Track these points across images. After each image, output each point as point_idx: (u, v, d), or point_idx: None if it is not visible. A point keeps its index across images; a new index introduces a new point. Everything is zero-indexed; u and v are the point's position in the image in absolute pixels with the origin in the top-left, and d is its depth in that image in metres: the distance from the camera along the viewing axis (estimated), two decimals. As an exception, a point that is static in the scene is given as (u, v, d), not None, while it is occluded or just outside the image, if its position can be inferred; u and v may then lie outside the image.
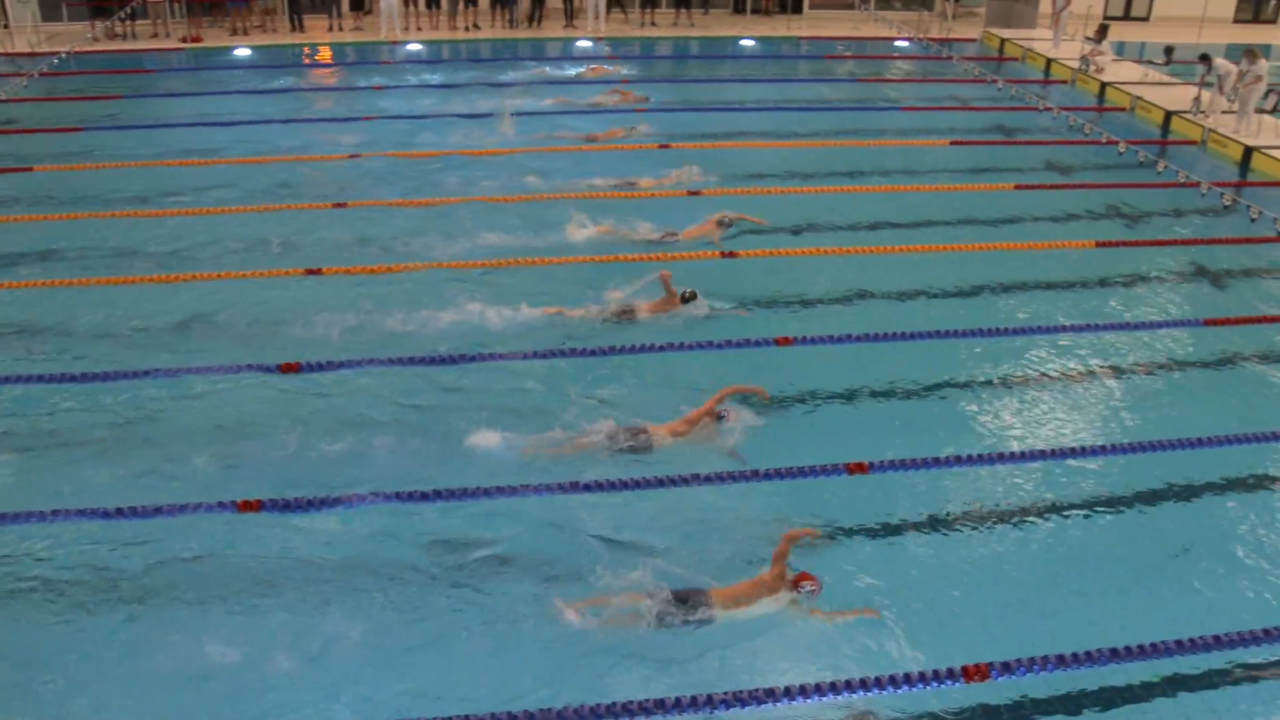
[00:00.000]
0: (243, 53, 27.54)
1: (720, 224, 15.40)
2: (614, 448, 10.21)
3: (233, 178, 17.67)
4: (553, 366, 11.78)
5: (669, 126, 20.92)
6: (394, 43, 28.25)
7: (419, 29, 29.74)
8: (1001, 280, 14.46)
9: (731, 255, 14.58)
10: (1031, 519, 9.63)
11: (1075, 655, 7.78)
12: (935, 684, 7.52)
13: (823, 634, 8.13)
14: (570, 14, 30.76)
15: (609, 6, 30.79)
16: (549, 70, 26.13)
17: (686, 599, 8.15)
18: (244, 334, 12.43)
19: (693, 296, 12.85)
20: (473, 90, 23.75)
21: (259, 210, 16.08)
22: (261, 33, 29.24)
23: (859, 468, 9.91)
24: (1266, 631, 8.17)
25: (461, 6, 30.12)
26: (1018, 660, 7.73)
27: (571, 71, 26.09)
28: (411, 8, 30.06)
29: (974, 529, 9.47)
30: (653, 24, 31.35)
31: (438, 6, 29.97)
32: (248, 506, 9.19)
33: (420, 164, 18.41)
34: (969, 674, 7.59)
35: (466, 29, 29.82)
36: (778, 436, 10.66)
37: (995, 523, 9.55)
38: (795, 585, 8.17)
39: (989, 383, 12.00)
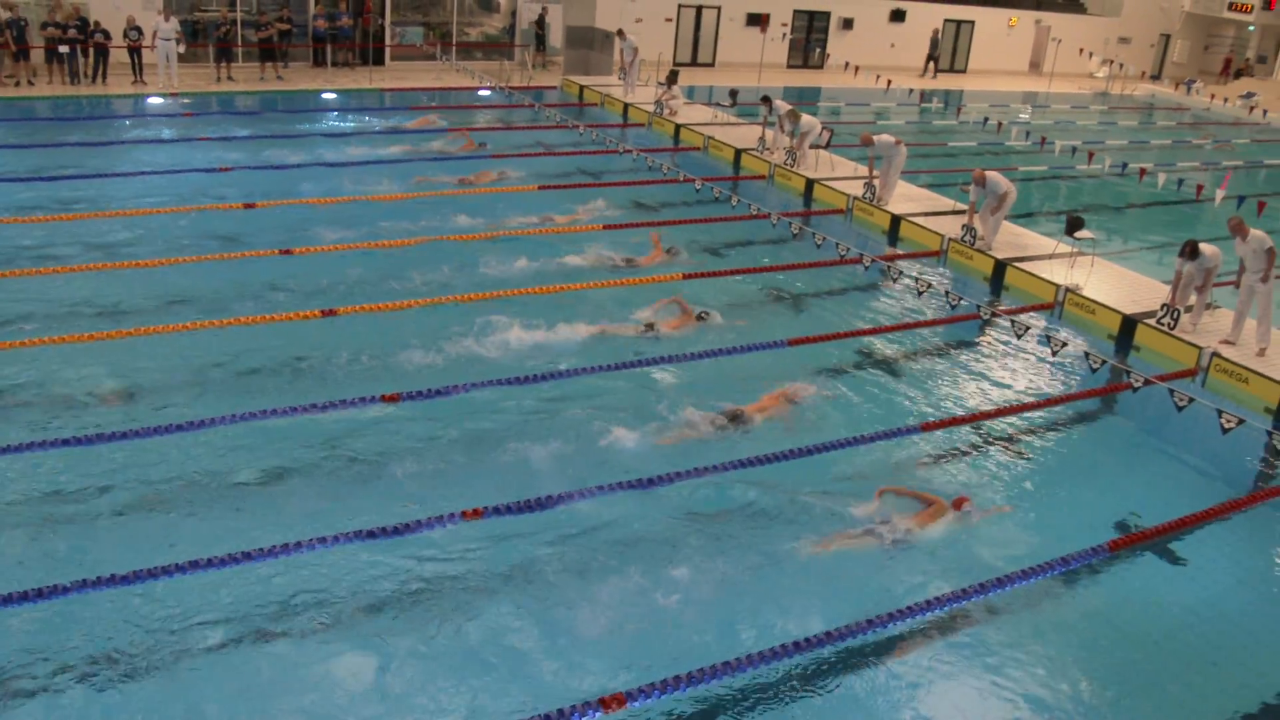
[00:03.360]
0: None
1: (668, 251, 17.37)
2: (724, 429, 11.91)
3: None
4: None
5: (252, 185, 20.02)
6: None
7: (-38, 86, 27.00)
8: (596, 318, 14.71)
9: (331, 313, 14.07)
10: (638, 546, 9.83)
11: (702, 671, 7.98)
12: (577, 718, 7.48)
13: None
14: (139, 69, 28.88)
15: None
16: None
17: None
18: None
19: (706, 315, 15.00)
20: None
21: None
22: None
23: (475, 513, 9.78)
24: (869, 621, 8.79)
25: (9, 61, 27.55)
26: (651, 684, 7.81)
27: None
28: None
29: (604, 561, 9.56)
30: (230, 78, 30.08)
31: (-19, 61, 27.24)
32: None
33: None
34: (606, 705, 7.59)
35: (18, 84, 27.37)
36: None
37: (614, 554, 9.66)
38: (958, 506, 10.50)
39: (586, 422, 12.04)
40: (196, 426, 11.04)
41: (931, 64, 42.88)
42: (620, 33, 31.45)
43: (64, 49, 27.38)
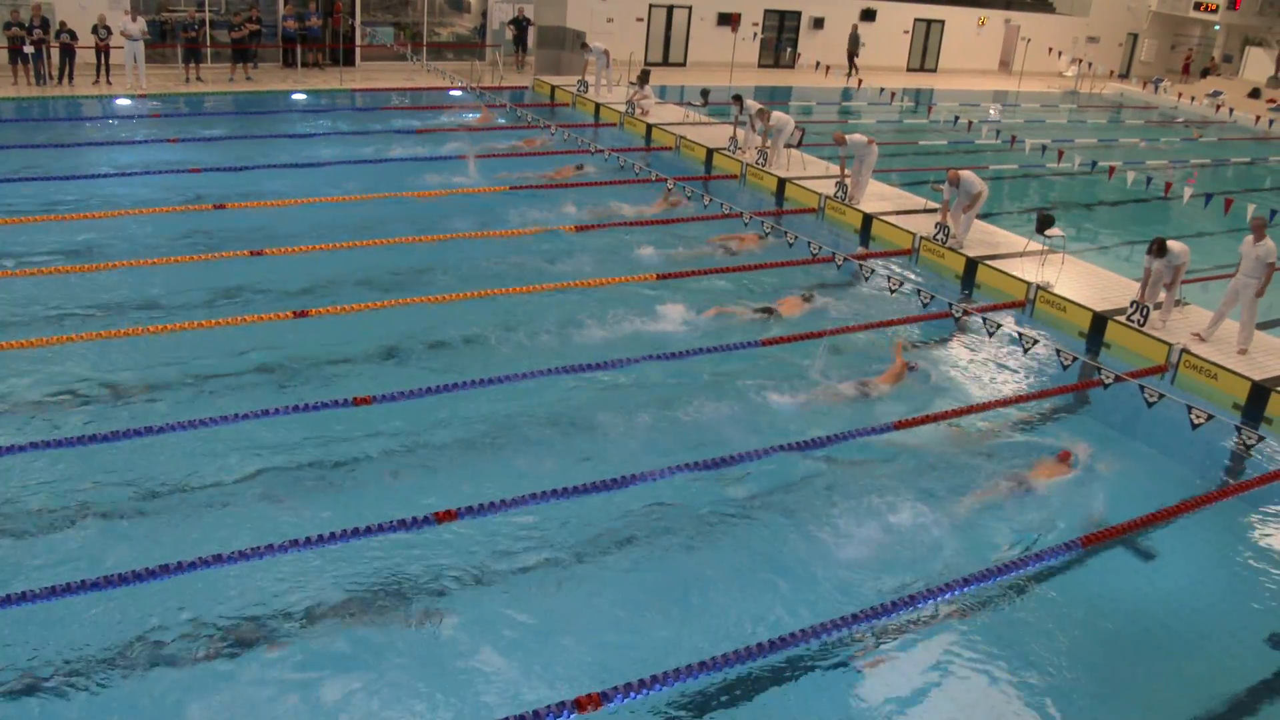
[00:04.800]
0: None
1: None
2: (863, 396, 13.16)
3: None
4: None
5: (223, 186, 19.86)
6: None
7: (-71, 89, 26.69)
8: (568, 317, 14.72)
9: (303, 314, 13.98)
10: (611, 545, 9.83)
11: (672, 672, 7.98)
12: (552, 719, 7.46)
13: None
14: (105, 69, 28.55)
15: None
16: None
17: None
18: None
19: (811, 297, 16.27)
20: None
21: None
22: None
23: (447, 515, 9.74)
24: (842, 620, 8.80)
25: (-25, 64, 27.21)
26: (626, 684, 7.81)
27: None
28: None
29: (581, 560, 9.56)
30: (199, 79, 29.83)
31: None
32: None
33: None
34: (582, 705, 7.58)
35: (-17, 88, 27.08)
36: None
37: (589, 552, 9.66)
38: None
39: (580, 423, 12.07)
40: (167, 429, 10.95)
41: (853, 63, 41.17)
42: (584, 45, 31.36)
43: (29, 49, 27.07)
